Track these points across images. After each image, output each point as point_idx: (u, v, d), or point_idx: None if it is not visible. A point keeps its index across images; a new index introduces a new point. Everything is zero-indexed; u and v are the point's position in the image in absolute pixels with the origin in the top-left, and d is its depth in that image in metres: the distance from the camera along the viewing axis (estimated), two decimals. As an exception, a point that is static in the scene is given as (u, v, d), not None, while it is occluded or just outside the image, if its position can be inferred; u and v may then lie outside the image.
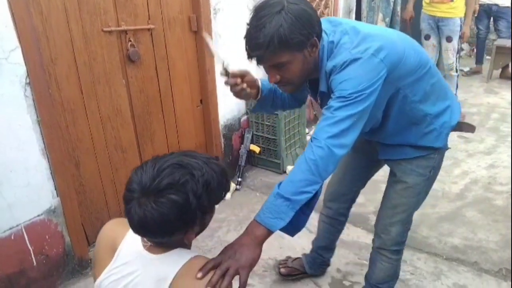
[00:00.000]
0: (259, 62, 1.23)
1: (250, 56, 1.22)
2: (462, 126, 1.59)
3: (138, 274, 1.03)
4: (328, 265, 2.26)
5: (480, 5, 5.52)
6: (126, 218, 0.98)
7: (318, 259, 2.19)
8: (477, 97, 5.07)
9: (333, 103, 1.23)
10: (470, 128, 1.62)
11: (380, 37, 1.27)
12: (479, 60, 5.88)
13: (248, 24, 1.21)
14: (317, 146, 1.21)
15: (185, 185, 0.94)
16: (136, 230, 0.99)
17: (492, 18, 5.60)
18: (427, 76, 1.40)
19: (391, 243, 1.71)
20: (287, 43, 1.16)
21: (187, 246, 1.11)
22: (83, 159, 2.29)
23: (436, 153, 1.56)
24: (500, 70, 5.61)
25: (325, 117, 1.24)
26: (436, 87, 1.45)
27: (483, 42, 5.71)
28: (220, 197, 1.06)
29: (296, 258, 2.27)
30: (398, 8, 5.16)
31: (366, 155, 1.78)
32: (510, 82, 5.42)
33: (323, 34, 1.28)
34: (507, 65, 5.54)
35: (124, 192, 0.99)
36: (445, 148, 1.60)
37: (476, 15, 5.60)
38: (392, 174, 1.67)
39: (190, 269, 1.00)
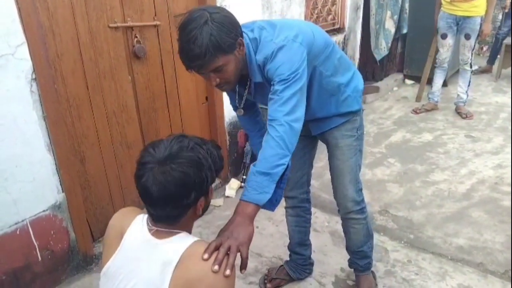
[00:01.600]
0: (199, 71, 1.36)
1: (189, 67, 1.36)
2: (368, 89, 1.76)
3: (144, 259, 1.07)
4: (312, 264, 2.26)
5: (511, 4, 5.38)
6: (141, 194, 1.07)
7: (299, 260, 2.20)
8: (485, 96, 5.03)
9: (277, 87, 1.40)
10: (375, 89, 1.79)
11: (292, 25, 1.50)
12: (491, 60, 5.78)
13: (179, 40, 1.32)
14: (278, 124, 1.38)
15: (194, 149, 1.08)
16: (155, 200, 1.06)
17: None
18: (333, 53, 1.64)
19: (351, 204, 1.88)
20: (221, 47, 1.30)
21: (190, 230, 1.18)
22: (89, 154, 2.30)
23: (356, 115, 1.81)
24: (508, 69, 5.53)
25: (274, 100, 1.41)
26: (341, 60, 1.69)
27: (500, 43, 5.55)
28: (219, 170, 1.17)
29: (278, 268, 2.26)
30: (406, 6, 5.11)
31: (302, 138, 1.88)
32: (519, 81, 5.37)
33: (244, 34, 1.43)
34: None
35: (136, 169, 1.08)
36: (361, 109, 1.84)
37: (506, 10, 5.46)
38: (328, 146, 1.88)
39: (193, 252, 1.05)
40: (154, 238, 1.09)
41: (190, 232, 1.17)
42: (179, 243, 1.08)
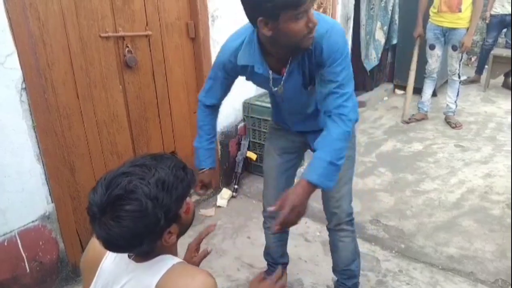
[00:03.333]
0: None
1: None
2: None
3: (124, 283, 1.03)
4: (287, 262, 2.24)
5: (492, 16, 5.46)
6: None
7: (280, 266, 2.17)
8: (474, 106, 5.09)
9: (337, 77, 1.40)
10: (361, 104, 1.79)
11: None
12: (479, 70, 5.86)
13: None
14: (348, 120, 1.42)
15: (135, 191, 0.92)
16: (108, 249, 0.99)
17: (504, 28, 5.51)
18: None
19: (345, 215, 1.85)
20: None
21: (173, 251, 1.09)
22: (78, 164, 2.28)
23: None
24: (496, 79, 5.62)
25: (339, 95, 1.41)
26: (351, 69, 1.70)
27: (488, 53, 5.59)
28: (184, 191, 1.02)
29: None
30: (396, 17, 5.18)
31: (291, 153, 1.93)
32: (508, 91, 5.45)
33: None
34: (508, 75, 5.55)
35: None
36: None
37: (487, 21, 5.54)
38: None
39: (173, 274, 0.99)
40: (133, 262, 1.04)
41: (175, 253, 1.10)
42: (159, 266, 1.02)
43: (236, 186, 3.16)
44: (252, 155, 3.28)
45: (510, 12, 5.20)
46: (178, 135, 2.85)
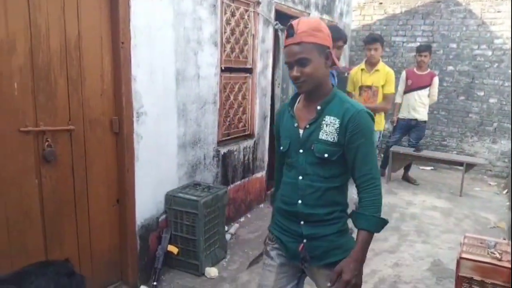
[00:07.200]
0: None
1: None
2: None
3: None
4: None
5: (400, 119, 6.09)
6: None
7: None
8: (380, 197, 5.52)
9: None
10: None
11: None
12: (383, 165, 6.44)
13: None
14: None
15: None
16: None
17: (409, 130, 6.17)
18: None
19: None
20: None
21: None
22: (-20, 266, 2.08)
23: None
24: (398, 172, 6.24)
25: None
26: None
27: (389, 150, 6.20)
28: None
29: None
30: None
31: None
32: (407, 183, 6.06)
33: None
34: (407, 169, 6.20)
35: None
36: None
37: (394, 124, 6.20)
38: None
39: None
40: None
41: None
42: None
43: (155, 283, 3.02)
44: (173, 249, 3.21)
45: (414, 117, 5.97)
46: (95, 230, 2.73)
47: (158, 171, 3.12)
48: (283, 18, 4.59)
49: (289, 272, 1.81)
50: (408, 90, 5.89)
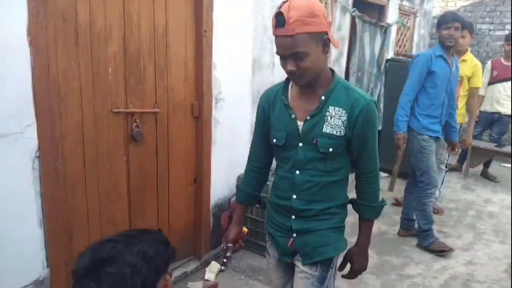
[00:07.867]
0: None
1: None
2: None
3: None
4: None
5: (482, 112, 5.78)
6: None
7: None
8: (455, 193, 5.30)
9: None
10: None
11: None
12: (461, 159, 6.14)
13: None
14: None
15: (117, 256, 0.97)
16: None
17: (491, 124, 5.84)
18: None
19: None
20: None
21: None
22: (76, 230, 2.34)
23: None
24: (476, 168, 5.90)
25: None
26: None
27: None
28: (164, 265, 1.07)
29: None
30: (381, 106, 5.54)
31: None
32: (486, 181, 5.72)
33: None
34: (487, 165, 5.85)
35: None
36: None
37: (477, 120, 5.89)
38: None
39: None
40: None
41: None
42: None
43: (225, 260, 3.19)
44: (243, 229, 3.34)
45: (498, 111, 5.62)
46: (173, 206, 2.94)
47: (231, 154, 3.26)
48: (361, 4, 4.49)
49: (287, 268, 1.75)
50: (493, 81, 5.52)
